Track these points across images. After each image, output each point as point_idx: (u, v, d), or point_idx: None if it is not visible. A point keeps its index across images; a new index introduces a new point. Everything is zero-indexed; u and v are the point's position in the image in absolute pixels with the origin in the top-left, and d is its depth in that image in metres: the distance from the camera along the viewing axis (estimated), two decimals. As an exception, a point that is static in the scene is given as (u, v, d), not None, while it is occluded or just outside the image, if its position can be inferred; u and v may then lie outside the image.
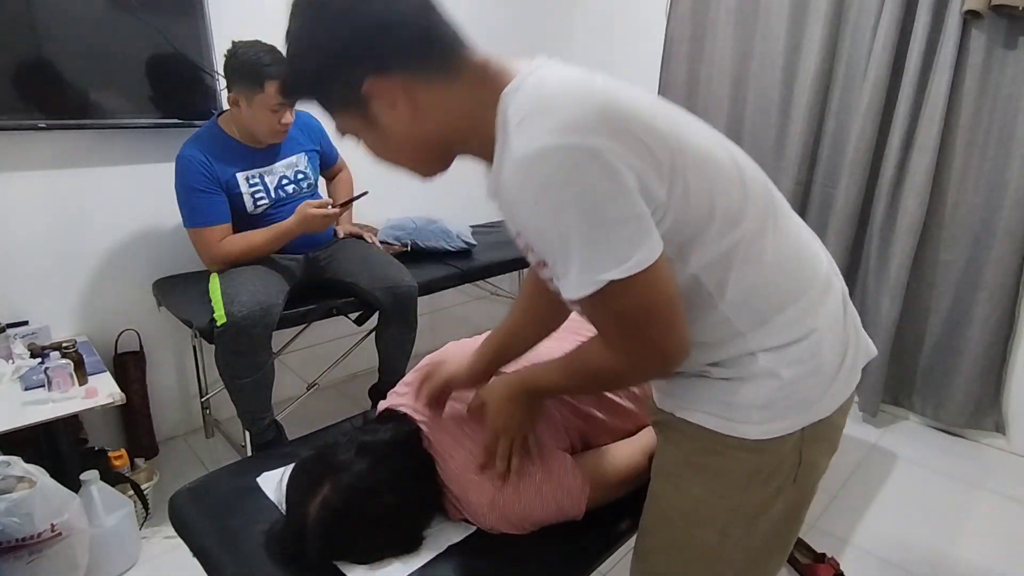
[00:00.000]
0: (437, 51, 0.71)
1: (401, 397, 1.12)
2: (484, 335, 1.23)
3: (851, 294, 2.42)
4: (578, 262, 0.66)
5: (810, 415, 0.80)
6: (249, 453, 1.87)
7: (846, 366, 0.82)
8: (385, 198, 2.10)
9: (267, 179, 1.88)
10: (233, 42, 1.74)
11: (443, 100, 0.72)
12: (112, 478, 1.64)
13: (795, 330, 0.78)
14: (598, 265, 0.65)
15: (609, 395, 1.11)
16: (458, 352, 1.13)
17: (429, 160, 0.80)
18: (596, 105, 0.65)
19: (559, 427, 1.07)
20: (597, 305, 0.69)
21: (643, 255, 0.65)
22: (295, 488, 0.97)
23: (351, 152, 2.19)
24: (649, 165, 0.66)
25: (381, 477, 0.93)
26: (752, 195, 0.77)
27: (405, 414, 1.07)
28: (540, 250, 0.73)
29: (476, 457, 0.98)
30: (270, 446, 1.79)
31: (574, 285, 0.68)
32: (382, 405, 1.15)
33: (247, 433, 1.85)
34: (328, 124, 2.24)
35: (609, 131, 0.64)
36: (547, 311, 1.04)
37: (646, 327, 0.70)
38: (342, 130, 0.79)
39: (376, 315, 1.98)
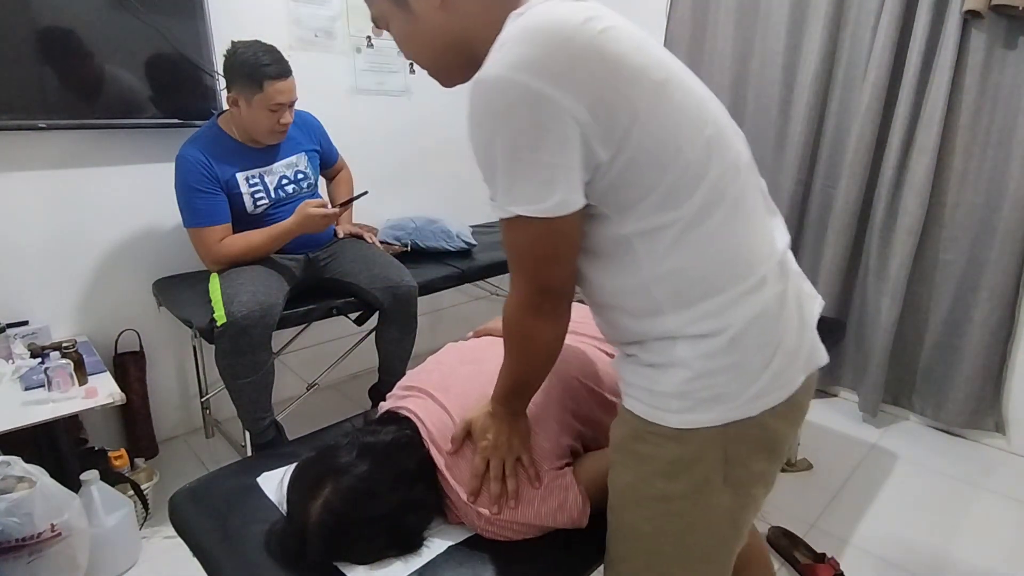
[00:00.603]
0: None
1: (401, 400, 1.12)
2: (483, 337, 1.23)
3: (851, 294, 2.47)
4: (500, 189, 0.72)
5: (728, 412, 0.78)
6: (249, 453, 1.87)
7: (772, 369, 0.78)
8: (385, 198, 2.11)
9: (267, 179, 1.88)
10: (232, 42, 1.74)
11: (471, 2, 0.77)
12: (112, 478, 1.64)
13: (711, 323, 0.78)
14: (513, 197, 0.71)
15: (609, 396, 1.11)
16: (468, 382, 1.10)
17: (449, 64, 0.83)
18: (566, 53, 0.66)
19: (556, 436, 1.03)
20: (506, 233, 0.76)
21: (555, 203, 0.69)
22: (296, 489, 0.97)
23: (351, 152, 2.20)
24: (600, 125, 0.67)
25: (382, 479, 0.93)
26: (709, 181, 0.75)
27: (406, 416, 1.06)
28: (480, 168, 0.75)
29: (465, 485, 0.96)
30: (270, 446, 1.79)
31: (495, 208, 0.74)
32: (383, 406, 1.15)
33: (247, 433, 1.85)
34: (328, 124, 2.25)
35: (565, 81, 0.65)
36: None
37: (542, 267, 0.76)
38: (376, 18, 0.83)
39: (376, 315, 1.98)
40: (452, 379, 1.10)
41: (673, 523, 0.85)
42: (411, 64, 2.45)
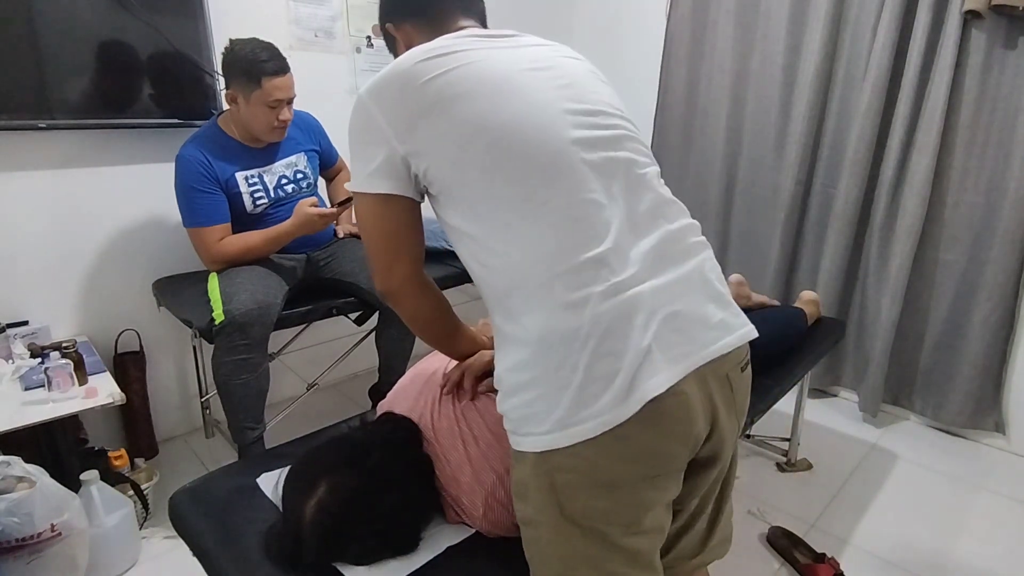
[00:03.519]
0: (430, 13, 0.99)
1: (401, 399, 1.12)
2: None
3: (851, 294, 2.47)
4: (351, 171, 0.90)
5: (539, 439, 0.76)
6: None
7: (572, 395, 0.74)
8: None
9: (266, 179, 1.88)
10: (230, 40, 1.74)
11: (422, 44, 0.91)
12: (112, 478, 1.64)
13: (512, 327, 0.80)
14: (351, 175, 0.90)
15: None
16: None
17: None
18: (391, 76, 0.84)
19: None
20: (356, 209, 0.92)
21: (363, 183, 0.87)
22: (291, 490, 0.97)
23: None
24: (399, 128, 0.83)
25: (378, 480, 0.93)
26: (503, 185, 0.80)
27: (405, 416, 1.06)
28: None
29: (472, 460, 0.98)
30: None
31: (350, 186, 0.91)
32: (382, 406, 1.15)
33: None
34: (328, 124, 2.25)
35: (382, 96, 0.84)
36: None
37: (369, 243, 0.91)
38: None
39: (376, 315, 1.98)
40: None
41: (535, 550, 0.84)
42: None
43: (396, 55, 1.02)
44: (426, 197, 0.90)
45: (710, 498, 0.96)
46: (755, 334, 0.88)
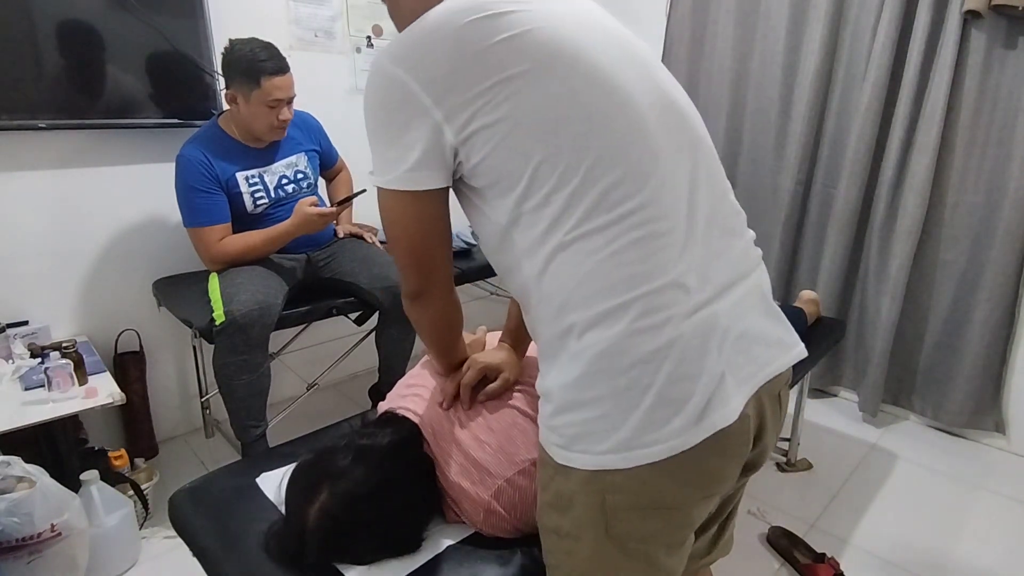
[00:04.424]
0: None
1: (403, 400, 1.12)
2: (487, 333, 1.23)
3: (851, 294, 2.47)
4: (374, 158, 0.78)
5: (595, 458, 0.71)
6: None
7: (640, 417, 0.69)
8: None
9: (267, 178, 1.88)
10: (230, 39, 1.74)
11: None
12: (112, 478, 1.64)
13: (573, 344, 0.72)
14: (376, 168, 0.77)
15: None
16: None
17: None
18: (433, 38, 0.70)
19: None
20: (379, 204, 0.80)
21: (398, 178, 0.75)
22: (293, 493, 0.97)
23: (351, 152, 2.19)
24: (452, 104, 0.70)
25: (379, 482, 0.93)
26: (580, 185, 0.70)
27: (405, 416, 1.06)
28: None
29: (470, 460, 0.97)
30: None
31: (372, 179, 0.80)
32: (382, 407, 1.15)
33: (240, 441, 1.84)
34: (328, 124, 2.24)
35: (422, 63, 0.70)
36: None
37: (396, 244, 0.82)
38: None
39: (376, 315, 1.98)
40: None
41: (566, 561, 0.80)
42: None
43: (395, 5, 0.85)
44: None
45: (729, 504, 0.96)
46: (806, 353, 0.86)
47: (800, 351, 0.86)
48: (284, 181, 1.92)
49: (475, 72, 0.69)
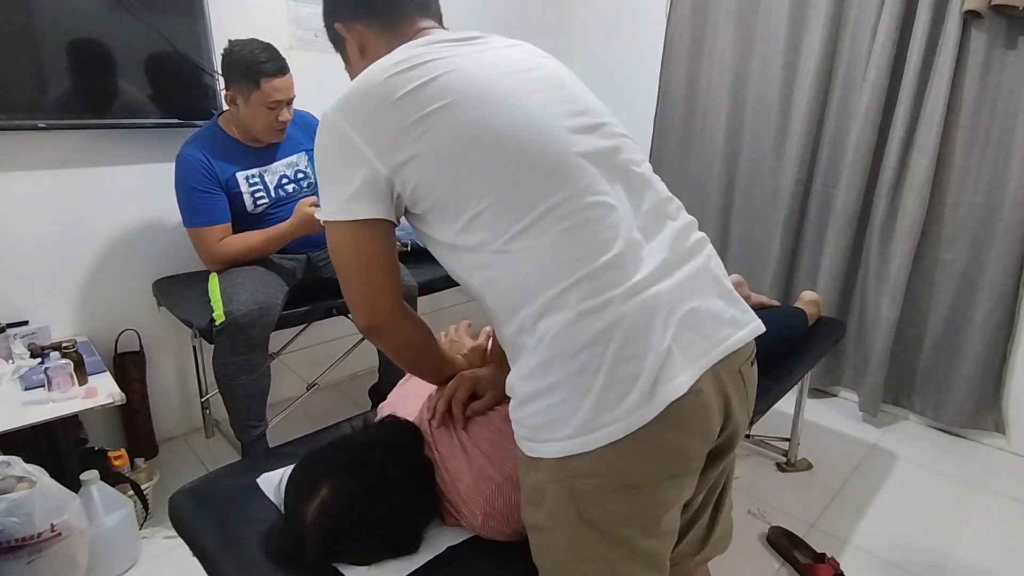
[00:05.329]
0: (383, 11, 0.93)
1: (404, 401, 1.12)
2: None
3: (851, 294, 2.47)
4: (320, 198, 0.85)
5: (560, 445, 0.75)
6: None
7: (595, 398, 0.73)
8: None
9: (267, 178, 1.88)
10: (229, 40, 1.74)
11: (378, 48, 0.90)
12: (112, 478, 1.64)
13: (526, 338, 0.77)
14: (322, 205, 0.84)
15: None
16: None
17: None
18: (361, 92, 0.81)
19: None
20: (328, 239, 0.86)
21: (336, 210, 0.82)
22: (293, 492, 0.96)
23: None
24: (379, 147, 0.79)
25: (379, 482, 0.93)
26: (504, 193, 0.77)
27: (407, 419, 1.06)
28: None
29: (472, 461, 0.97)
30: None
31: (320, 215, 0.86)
32: (383, 408, 1.15)
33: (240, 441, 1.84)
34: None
35: (354, 114, 0.80)
36: None
37: (347, 276, 0.86)
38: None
39: (376, 315, 1.98)
40: None
41: (547, 557, 0.83)
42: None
43: (346, 58, 0.98)
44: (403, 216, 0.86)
45: (714, 493, 0.97)
46: (763, 328, 0.88)
47: (756, 326, 0.87)
48: (284, 181, 1.92)
49: (395, 116, 0.78)
